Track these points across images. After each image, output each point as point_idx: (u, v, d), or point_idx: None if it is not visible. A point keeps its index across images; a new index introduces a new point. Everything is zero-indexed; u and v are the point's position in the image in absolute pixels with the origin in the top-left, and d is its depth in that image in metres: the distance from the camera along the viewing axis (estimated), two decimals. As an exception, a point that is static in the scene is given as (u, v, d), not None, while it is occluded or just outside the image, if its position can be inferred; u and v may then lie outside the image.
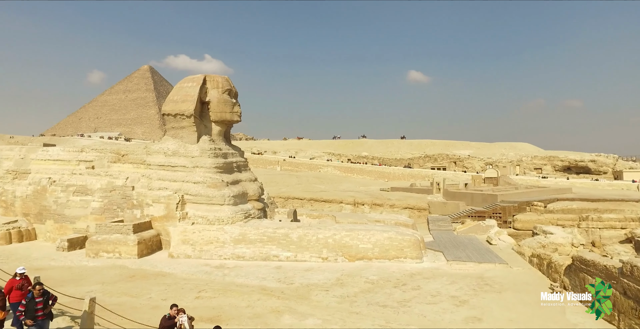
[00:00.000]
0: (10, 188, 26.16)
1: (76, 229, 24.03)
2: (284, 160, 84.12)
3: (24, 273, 9.34)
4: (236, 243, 21.06)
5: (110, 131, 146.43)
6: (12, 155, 27.98)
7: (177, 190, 22.68)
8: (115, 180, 24.49)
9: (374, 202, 45.67)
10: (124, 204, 23.76)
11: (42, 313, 8.26)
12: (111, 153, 26.29)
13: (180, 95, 25.05)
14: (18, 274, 9.35)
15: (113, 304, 12.05)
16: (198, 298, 14.79)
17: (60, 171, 26.09)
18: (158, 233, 22.70)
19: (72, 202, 24.71)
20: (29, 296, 8.25)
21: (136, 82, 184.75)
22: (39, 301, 8.18)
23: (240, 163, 26.80)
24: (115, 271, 18.56)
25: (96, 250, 20.98)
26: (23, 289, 9.02)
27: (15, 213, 25.82)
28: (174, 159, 24.05)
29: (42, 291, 8.40)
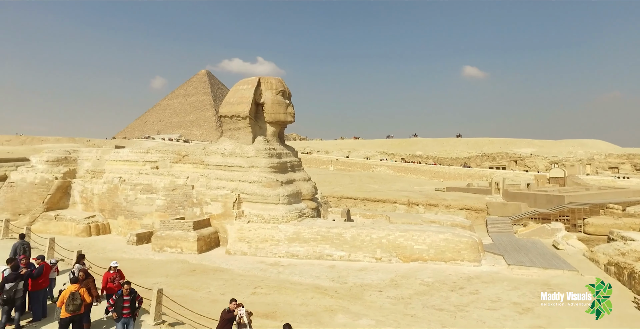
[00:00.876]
0: (89, 186, 28.60)
1: (143, 225, 25.70)
2: (337, 159, 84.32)
3: (117, 266, 9.89)
4: (290, 241, 21.44)
5: (172, 133, 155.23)
6: (90, 156, 30.61)
7: (234, 189, 23.54)
8: (177, 179, 25.90)
9: (428, 202, 44.41)
10: (185, 202, 25.07)
11: (128, 311, 8.65)
12: (173, 154, 27.86)
13: (236, 98, 25.98)
14: (112, 267, 9.89)
15: (176, 295, 12.73)
16: (254, 294, 15.23)
17: (129, 171, 28.08)
18: (216, 230, 23.69)
19: (139, 200, 26.49)
20: (119, 293, 8.68)
21: (194, 86, 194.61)
22: (126, 299, 8.59)
23: (294, 163, 27.26)
24: (178, 265, 19.60)
25: (160, 244, 22.31)
26: (115, 282, 9.54)
27: (93, 208, 28.19)
28: (231, 159, 25.00)
29: (130, 290, 8.78)
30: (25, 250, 12.51)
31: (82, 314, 8.56)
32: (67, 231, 26.08)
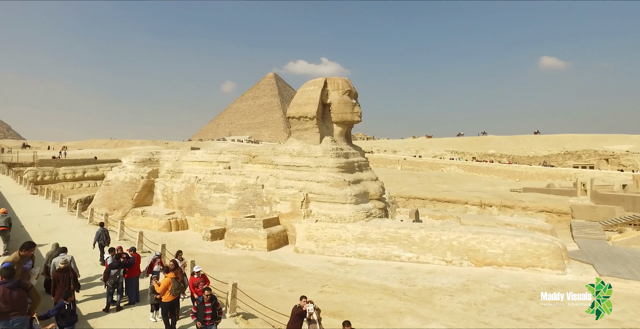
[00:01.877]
0: (169, 185, 30.98)
1: (217, 222, 27.19)
2: (404, 159, 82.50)
3: (200, 271, 10.05)
4: (358, 241, 21.37)
5: (242, 134, 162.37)
6: (170, 157, 33.16)
7: (302, 188, 24.03)
8: (248, 179, 27.06)
9: (503, 204, 41.67)
10: (255, 201, 26.11)
11: (210, 319, 8.71)
12: (244, 155, 29.16)
13: (303, 99, 26.51)
14: (195, 272, 10.08)
15: (247, 290, 13.25)
16: (321, 292, 15.39)
17: (204, 171, 29.91)
18: (285, 228, 24.36)
19: (213, 198, 28.10)
20: (200, 299, 8.77)
21: (262, 89, 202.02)
22: (207, 306, 8.66)
23: (362, 163, 27.16)
24: (249, 261, 20.43)
25: (233, 241, 23.45)
26: (199, 287, 9.74)
27: (173, 206, 30.49)
28: (299, 159, 25.56)
29: (210, 296, 8.81)
30: (106, 235, 14.48)
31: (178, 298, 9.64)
32: (151, 226, 28.44)
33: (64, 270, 9.39)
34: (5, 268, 7.04)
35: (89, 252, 14.88)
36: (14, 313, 6.51)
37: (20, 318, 6.57)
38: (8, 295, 6.49)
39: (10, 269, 7.03)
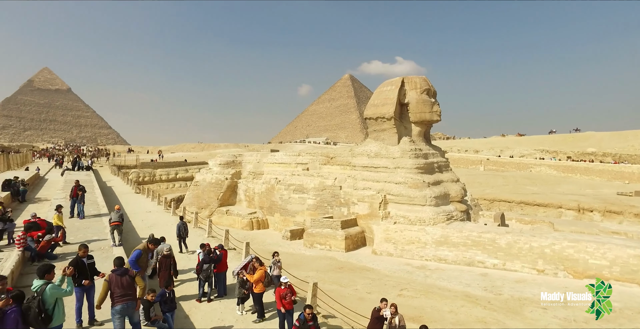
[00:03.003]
0: (251, 186, 32.69)
1: (296, 222, 28.02)
2: (487, 159, 77.54)
3: (287, 282, 9.64)
4: (438, 244, 20.56)
5: (319, 136, 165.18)
6: (251, 159, 34.99)
7: (380, 190, 23.79)
8: (326, 180, 27.47)
9: (608, 209, 37.06)
10: (333, 202, 26.42)
11: None
12: (322, 156, 29.68)
13: (380, 99, 26.24)
14: (282, 283, 9.60)
15: (325, 290, 13.46)
16: (400, 295, 15.05)
17: (284, 173, 31.02)
18: (362, 230, 24.29)
19: (292, 199, 29.00)
20: (301, 318, 8.30)
21: (338, 91, 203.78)
22: (310, 324, 8.19)
23: (442, 164, 26.12)
24: (327, 261, 20.70)
25: (311, 241, 23.96)
26: (286, 298, 9.31)
27: (254, 206, 32.11)
28: (376, 160, 25.35)
29: (312, 315, 8.32)
30: (185, 228, 16.03)
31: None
32: (235, 225, 30.20)
33: (168, 256, 10.96)
34: (117, 258, 8.17)
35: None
36: (127, 297, 7.47)
37: (131, 302, 7.53)
38: (119, 281, 7.50)
39: (121, 259, 8.13)
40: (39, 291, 6.47)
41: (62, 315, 6.69)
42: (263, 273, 10.11)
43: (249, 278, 10.12)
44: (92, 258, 8.83)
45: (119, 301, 7.36)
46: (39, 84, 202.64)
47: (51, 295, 6.48)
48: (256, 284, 9.96)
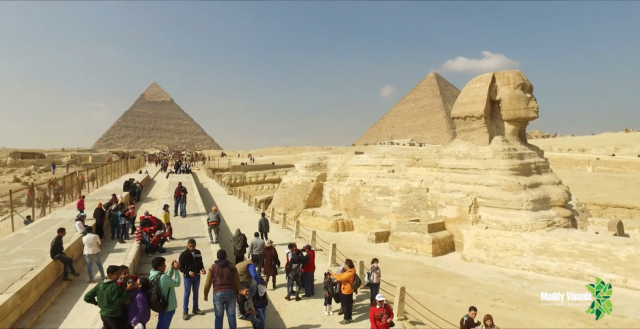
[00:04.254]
0: (336, 188, 33.15)
1: (381, 224, 27.70)
2: (597, 158, 68.75)
3: (383, 301, 8.91)
4: (537, 253, 18.76)
5: (404, 138, 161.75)
6: (336, 162, 35.51)
7: (470, 192, 22.49)
8: (412, 182, 26.76)
9: None
10: (419, 204, 25.63)
11: None
12: (407, 158, 29.00)
13: (469, 97, 24.85)
14: (378, 302, 8.92)
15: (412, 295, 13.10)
16: (493, 306, 14.05)
17: (368, 175, 30.91)
18: (451, 234, 23.18)
19: (377, 201, 28.75)
20: None
21: (423, 91, 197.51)
22: None
23: (540, 164, 23.85)
24: (413, 265, 20.12)
25: (397, 244, 23.48)
26: (382, 320, 8.61)
27: (339, 208, 32.49)
28: (465, 161, 24.02)
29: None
30: (266, 224, 17.23)
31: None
32: (321, 226, 30.81)
33: (269, 248, 12.15)
34: (220, 251, 8.99)
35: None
36: (226, 285, 8.21)
37: (230, 290, 8.24)
38: (221, 271, 8.27)
39: (223, 252, 9.01)
40: (154, 280, 7.49)
41: (174, 302, 7.65)
42: (352, 274, 10.14)
43: (336, 278, 10.25)
44: (199, 252, 9.74)
45: (219, 289, 8.16)
46: (149, 97, 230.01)
47: (164, 284, 7.45)
48: (344, 284, 10.04)
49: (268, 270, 12.03)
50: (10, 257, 10.82)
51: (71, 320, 8.70)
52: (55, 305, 9.50)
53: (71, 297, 9.99)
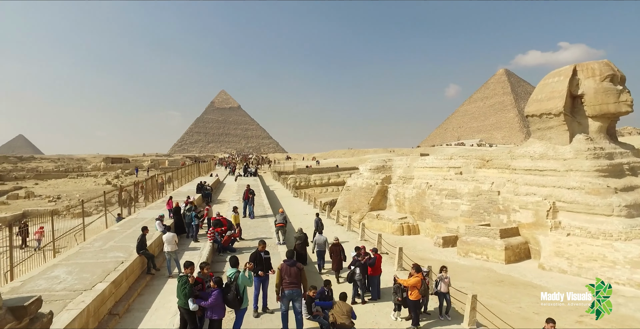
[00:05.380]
0: (401, 191, 32.49)
1: (448, 228, 26.66)
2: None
3: None
4: (634, 266, 16.75)
5: (472, 138, 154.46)
6: (401, 164, 34.82)
7: (547, 196, 20.81)
8: (481, 184, 25.42)
9: None
10: (490, 208, 24.25)
11: None
12: (476, 159, 27.60)
13: (545, 93, 23.05)
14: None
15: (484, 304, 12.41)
16: (579, 322, 12.86)
17: (435, 177, 29.90)
18: (525, 240, 21.63)
19: (444, 204, 27.69)
20: None
21: (492, 88, 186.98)
22: None
23: (635, 165, 21.38)
24: (483, 272, 19.06)
25: (466, 249, 22.42)
26: None
27: (405, 210, 31.80)
28: (542, 162, 22.28)
29: None
30: (321, 223, 17.69)
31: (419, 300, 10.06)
32: (385, 229, 30.39)
33: (337, 244, 12.92)
34: (289, 251, 9.31)
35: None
36: (293, 285, 8.46)
37: (297, 289, 8.48)
38: (289, 270, 8.53)
39: (292, 252, 9.29)
40: (233, 277, 7.94)
41: (247, 300, 8.09)
42: (419, 280, 9.87)
43: (402, 283, 10.02)
44: (268, 253, 10.08)
45: (286, 287, 8.44)
46: (218, 104, 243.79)
47: (242, 282, 7.92)
48: (411, 290, 9.79)
49: (335, 265, 12.85)
50: (106, 251, 12.03)
51: (154, 310, 9.44)
52: (141, 296, 10.38)
53: (154, 290, 10.83)
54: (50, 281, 9.07)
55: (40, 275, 9.57)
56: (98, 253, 11.68)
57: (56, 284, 8.89)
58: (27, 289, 8.56)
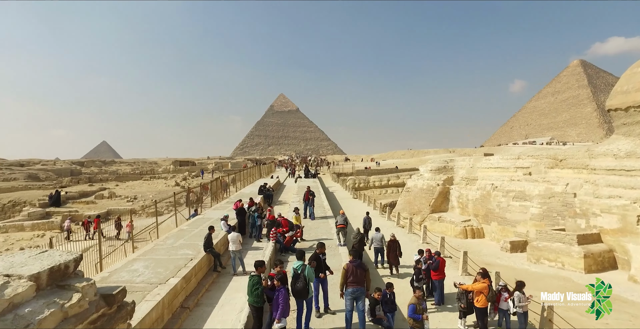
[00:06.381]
0: (464, 192, 31.10)
1: (516, 233, 25.01)
2: None
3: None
4: None
5: (541, 136, 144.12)
6: (464, 164, 33.36)
7: (636, 199, 18.72)
8: (554, 186, 23.57)
9: None
10: (564, 212, 22.41)
11: None
12: (547, 159, 25.67)
13: (633, 84, 20.84)
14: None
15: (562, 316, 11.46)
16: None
17: (500, 178, 28.25)
18: (610, 248, 19.66)
19: (511, 207, 26.04)
20: None
21: (565, 81, 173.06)
22: None
23: None
24: (558, 282, 17.62)
25: (537, 256, 20.89)
26: None
27: (468, 213, 30.40)
28: (629, 162, 20.13)
29: None
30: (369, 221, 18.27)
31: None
32: (447, 232, 29.21)
33: (394, 241, 13.77)
34: (355, 251, 9.41)
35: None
36: (358, 284, 8.52)
37: (361, 288, 8.54)
38: (354, 271, 8.56)
39: (357, 252, 9.39)
40: (301, 269, 8.42)
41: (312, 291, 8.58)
42: (486, 285, 9.36)
43: (467, 288, 9.57)
44: (325, 255, 10.19)
45: (350, 285, 8.53)
46: (277, 108, 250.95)
47: (308, 274, 8.42)
48: (477, 296, 9.31)
49: (392, 260, 13.76)
50: (177, 248, 12.83)
51: (221, 306, 9.88)
52: (208, 292, 10.92)
53: (220, 287, 11.35)
54: (130, 274, 9.88)
55: (122, 268, 10.45)
56: (170, 250, 12.48)
57: (135, 277, 9.65)
58: (113, 279, 9.41)
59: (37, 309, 3.87)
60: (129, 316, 5.42)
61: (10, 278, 3.97)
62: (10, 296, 3.72)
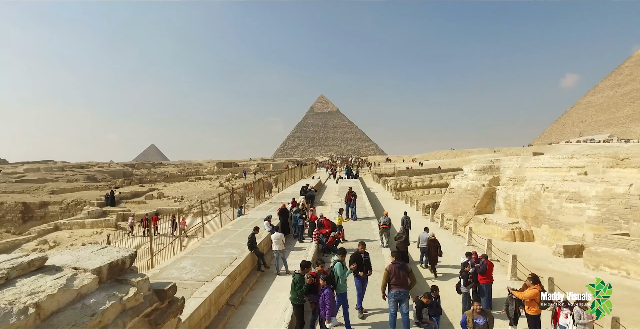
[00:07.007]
0: (512, 193, 29.76)
1: (570, 236, 23.60)
2: None
3: None
4: None
5: (598, 133, 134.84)
6: (511, 164, 31.94)
7: None
8: (614, 187, 22.01)
9: None
10: (627, 215, 20.85)
11: None
12: (606, 158, 24.03)
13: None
14: None
15: (626, 327, 10.64)
16: None
17: (552, 178, 26.76)
18: (680, 254, 18.07)
19: (564, 209, 24.60)
20: None
21: (628, 73, 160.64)
22: None
23: None
24: (622, 291, 16.36)
25: (596, 262, 19.57)
26: None
27: (516, 215, 29.05)
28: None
29: None
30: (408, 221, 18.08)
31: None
32: (494, 234, 28.06)
33: (434, 240, 14.10)
34: (397, 252, 9.33)
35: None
36: (401, 285, 8.41)
37: (404, 290, 8.41)
38: (397, 272, 8.46)
39: (401, 254, 9.33)
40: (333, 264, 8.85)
41: (345, 287, 8.75)
42: (537, 292, 8.90)
43: (516, 295, 9.15)
44: (368, 254, 10.11)
45: (393, 288, 8.43)
46: (318, 109, 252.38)
47: (336, 268, 8.72)
48: (528, 304, 8.87)
49: (432, 259, 14.12)
50: (222, 247, 13.27)
51: (265, 305, 10.09)
52: (252, 290, 11.19)
53: (264, 286, 11.59)
54: (179, 271, 10.33)
55: (172, 265, 10.96)
56: (215, 249, 12.91)
57: (184, 274, 10.09)
58: (163, 276, 9.89)
59: (100, 300, 4.18)
60: (179, 311, 5.69)
61: (77, 271, 4.32)
62: (79, 287, 4.06)
